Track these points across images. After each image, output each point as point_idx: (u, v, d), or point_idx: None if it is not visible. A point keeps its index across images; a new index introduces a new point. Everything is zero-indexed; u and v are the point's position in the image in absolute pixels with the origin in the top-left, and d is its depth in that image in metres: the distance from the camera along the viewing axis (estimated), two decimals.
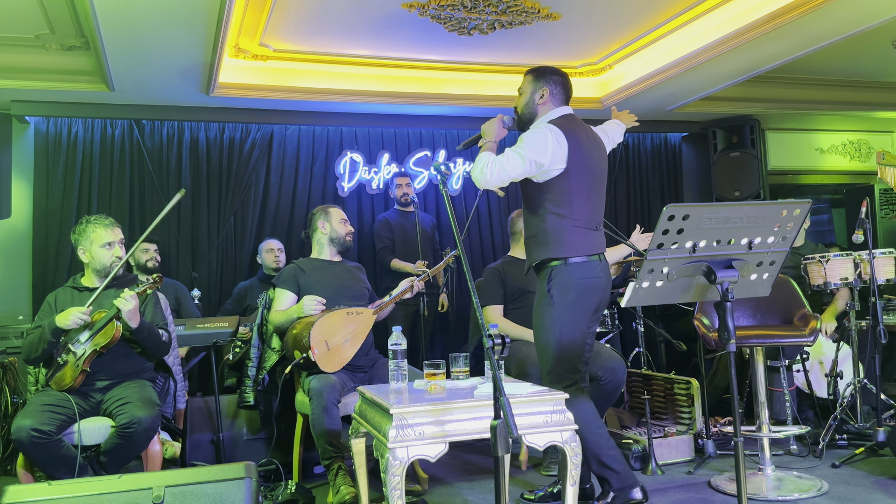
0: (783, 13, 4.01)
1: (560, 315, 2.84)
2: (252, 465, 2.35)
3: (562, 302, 2.84)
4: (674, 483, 3.37)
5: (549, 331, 2.87)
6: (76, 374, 3.01)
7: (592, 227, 2.89)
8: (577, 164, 2.83)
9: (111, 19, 3.70)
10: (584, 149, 2.88)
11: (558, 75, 3.05)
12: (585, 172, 2.86)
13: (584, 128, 2.98)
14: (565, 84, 3.04)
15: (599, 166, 2.96)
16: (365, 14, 4.15)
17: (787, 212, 2.21)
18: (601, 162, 2.99)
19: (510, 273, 4.00)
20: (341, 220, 3.79)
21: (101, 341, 3.02)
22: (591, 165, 2.89)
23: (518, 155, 2.80)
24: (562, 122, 2.89)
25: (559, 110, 2.99)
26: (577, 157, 2.84)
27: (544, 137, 2.80)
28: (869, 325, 3.98)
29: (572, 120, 2.95)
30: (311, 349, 3.26)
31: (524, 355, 3.67)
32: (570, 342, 2.83)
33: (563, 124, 2.87)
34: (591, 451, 2.83)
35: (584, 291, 2.84)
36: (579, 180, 2.85)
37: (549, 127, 2.84)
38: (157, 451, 3.05)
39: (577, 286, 2.83)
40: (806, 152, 6.97)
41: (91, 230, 3.19)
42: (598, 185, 2.94)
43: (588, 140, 2.93)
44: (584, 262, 2.85)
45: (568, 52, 4.96)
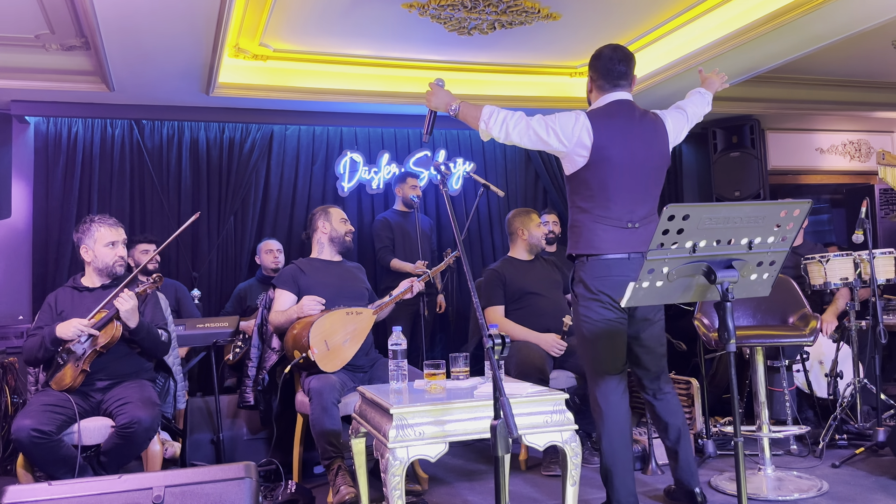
0: (783, 13, 4.01)
1: (585, 312, 2.80)
2: (252, 465, 2.35)
3: (584, 299, 2.80)
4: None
5: (579, 331, 2.86)
6: (76, 374, 3.01)
7: (622, 225, 2.73)
8: (603, 157, 2.71)
9: (111, 19, 3.70)
10: (622, 140, 2.72)
11: (599, 59, 2.85)
12: (617, 165, 2.71)
13: (634, 115, 2.79)
14: (607, 68, 2.82)
15: (643, 158, 2.76)
16: (365, 14, 4.15)
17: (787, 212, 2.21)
18: (647, 153, 2.78)
19: (510, 274, 4.00)
20: (342, 220, 3.79)
21: (101, 341, 3.02)
22: (628, 158, 2.72)
23: (545, 123, 2.73)
24: (598, 112, 2.78)
25: (605, 98, 2.83)
26: (608, 149, 2.71)
27: (574, 120, 2.73)
28: (869, 325, 3.98)
29: (616, 108, 2.79)
30: (311, 349, 3.26)
31: (524, 356, 3.67)
32: (597, 339, 2.77)
33: (599, 114, 2.76)
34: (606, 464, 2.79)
35: (606, 289, 2.73)
36: (605, 174, 2.72)
37: (580, 114, 2.76)
38: (157, 451, 3.04)
39: (596, 283, 2.75)
40: (806, 152, 6.97)
41: (95, 229, 3.20)
42: (637, 180, 2.76)
43: (631, 129, 2.76)
44: (605, 260, 2.73)
45: (568, 52, 4.96)
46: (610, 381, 2.81)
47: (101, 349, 3.03)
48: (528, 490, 3.38)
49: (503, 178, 6.04)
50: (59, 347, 3.05)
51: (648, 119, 2.85)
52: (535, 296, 3.96)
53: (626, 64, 2.84)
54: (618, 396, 2.81)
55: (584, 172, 2.76)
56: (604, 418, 2.80)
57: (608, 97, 2.84)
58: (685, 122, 2.99)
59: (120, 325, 3.04)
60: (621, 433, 2.79)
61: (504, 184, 6.00)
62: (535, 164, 6.09)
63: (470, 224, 5.82)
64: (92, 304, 3.17)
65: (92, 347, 3.03)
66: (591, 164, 2.73)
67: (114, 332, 3.02)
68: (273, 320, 3.57)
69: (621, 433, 2.79)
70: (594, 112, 2.80)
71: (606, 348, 2.79)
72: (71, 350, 3.04)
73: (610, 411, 2.79)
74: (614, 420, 2.79)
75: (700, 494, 2.89)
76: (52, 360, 3.09)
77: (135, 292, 3.07)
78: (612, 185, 2.73)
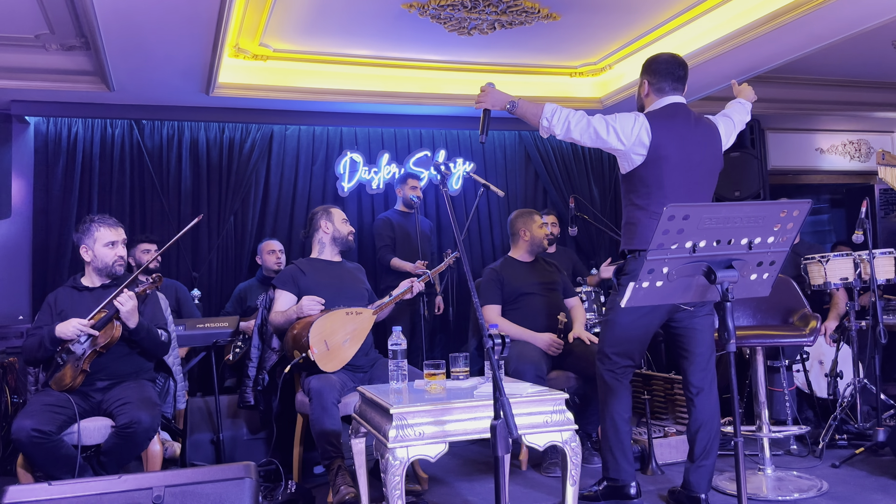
0: (783, 13, 4.01)
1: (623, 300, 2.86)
2: (252, 465, 2.35)
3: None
4: (674, 483, 3.37)
5: (610, 313, 2.96)
6: (76, 374, 3.01)
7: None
8: (662, 155, 2.81)
9: (111, 19, 3.70)
10: (679, 141, 2.84)
11: (658, 63, 2.97)
12: (673, 164, 2.82)
13: (690, 118, 2.91)
14: (667, 72, 2.94)
15: (698, 159, 2.88)
16: (365, 14, 4.15)
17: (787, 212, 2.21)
18: (704, 154, 2.90)
19: (508, 274, 4.01)
20: (343, 220, 3.79)
21: (101, 341, 3.02)
22: (684, 157, 2.83)
23: (606, 121, 2.82)
24: (657, 114, 2.89)
25: (662, 100, 2.95)
26: (665, 148, 2.81)
27: (633, 120, 2.83)
28: (869, 325, 3.98)
29: (673, 110, 2.90)
30: (311, 349, 3.26)
31: (522, 355, 3.67)
32: (631, 327, 2.90)
33: (657, 116, 2.87)
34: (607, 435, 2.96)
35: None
36: (663, 171, 2.82)
37: (639, 115, 2.87)
38: (157, 451, 3.04)
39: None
40: (806, 152, 6.98)
41: (95, 229, 3.20)
42: (693, 179, 2.87)
43: (688, 132, 2.87)
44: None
45: (568, 52, 4.97)
46: (626, 367, 2.97)
47: (100, 349, 3.03)
48: (528, 490, 3.38)
49: (503, 178, 6.04)
50: (58, 347, 3.05)
51: (703, 123, 2.98)
52: (532, 296, 3.96)
53: (685, 70, 3.00)
54: (626, 382, 2.99)
55: (641, 170, 2.86)
56: (611, 398, 2.96)
57: (665, 100, 2.95)
58: (733, 127, 3.15)
59: (120, 325, 3.04)
60: (624, 414, 2.97)
61: (504, 184, 6.00)
62: (534, 164, 6.09)
63: (470, 224, 5.82)
64: (92, 304, 3.17)
65: (92, 347, 3.03)
66: (649, 162, 2.83)
67: (113, 332, 3.02)
68: (273, 321, 3.57)
69: (624, 414, 2.97)
70: (652, 113, 2.91)
71: (636, 338, 2.92)
72: (71, 350, 3.04)
73: (618, 393, 2.97)
74: (620, 401, 2.96)
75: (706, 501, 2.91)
76: (51, 359, 3.09)
77: (134, 292, 3.07)
78: (668, 184, 2.83)
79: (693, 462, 2.92)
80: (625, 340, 2.93)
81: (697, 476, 2.90)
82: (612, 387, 2.98)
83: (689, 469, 2.93)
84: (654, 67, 2.97)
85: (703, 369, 2.94)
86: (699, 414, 2.92)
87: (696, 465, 2.91)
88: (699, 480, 2.89)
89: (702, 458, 2.90)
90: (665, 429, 3.89)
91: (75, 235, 3.26)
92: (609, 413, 2.98)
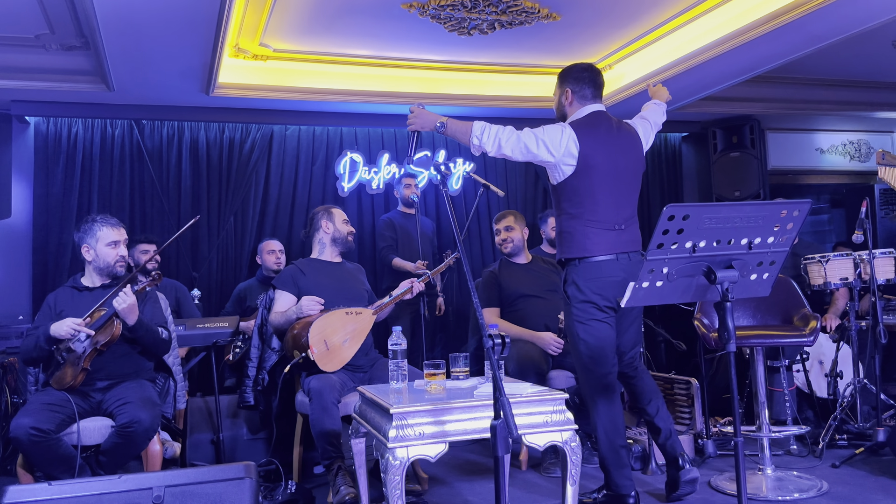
0: (783, 13, 4.01)
1: (578, 313, 2.92)
2: (252, 465, 2.35)
3: (577, 300, 2.92)
4: None
5: (572, 331, 2.98)
6: (77, 372, 3.01)
7: (610, 227, 2.90)
8: (591, 165, 2.87)
9: (111, 19, 3.70)
10: (605, 148, 2.90)
11: (578, 71, 3.05)
12: (602, 172, 2.89)
13: (612, 125, 2.99)
14: (589, 79, 3.03)
15: (623, 164, 2.96)
16: (365, 14, 4.14)
17: (787, 212, 2.21)
18: (628, 159, 2.99)
19: (506, 276, 4.01)
20: (344, 221, 3.79)
21: (101, 339, 3.02)
22: (611, 164, 2.91)
23: (535, 135, 2.88)
24: (582, 123, 2.94)
25: (585, 109, 3.01)
26: (593, 157, 2.87)
27: (561, 132, 2.88)
28: (869, 325, 3.98)
29: (597, 118, 2.97)
30: (310, 348, 3.26)
31: (522, 355, 3.67)
32: (591, 338, 2.92)
33: (582, 125, 2.92)
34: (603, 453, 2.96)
35: (598, 289, 2.88)
36: (593, 180, 2.88)
37: (565, 126, 2.92)
38: (156, 451, 3.04)
39: (589, 285, 2.89)
40: (806, 152, 6.97)
41: (97, 228, 3.20)
42: (620, 184, 2.95)
43: (613, 138, 2.95)
44: (597, 261, 2.88)
45: (568, 52, 4.96)
46: (604, 376, 2.95)
47: (101, 347, 3.03)
48: (528, 490, 3.38)
49: (503, 178, 6.04)
50: (52, 346, 3.05)
51: (624, 128, 3.06)
52: (530, 298, 3.96)
53: (602, 77, 3.11)
54: (612, 390, 2.98)
55: (572, 180, 2.92)
56: (601, 412, 2.96)
57: (588, 108, 3.01)
58: (651, 129, 3.23)
59: (120, 323, 3.05)
60: (616, 425, 2.96)
61: (504, 184, 6.00)
62: (535, 165, 6.08)
63: (470, 224, 5.82)
64: (92, 304, 3.17)
65: (93, 346, 3.03)
66: (579, 171, 2.89)
67: (114, 330, 3.03)
68: (273, 321, 3.57)
69: (616, 425, 2.96)
70: (576, 123, 2.96)
71: (600, 346, 2.92)
72: (71, 349, 3.04)
73: (607, 405, 2.96)
74: (610, 411, 2.96)
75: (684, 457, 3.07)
76: (48, 359, 3.09)
77: (133, 290, 3.07)
78: (598, 191, 2.90)
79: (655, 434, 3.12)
80: (597, 349, 2.93)
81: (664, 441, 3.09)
82: (600, 401, 2.96)
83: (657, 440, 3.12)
84: (574, 75, 3.04)
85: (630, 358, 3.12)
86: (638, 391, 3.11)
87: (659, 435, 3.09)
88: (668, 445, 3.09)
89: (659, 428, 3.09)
90: None
91: (76, 235, 3.26)
92: (601, 429, 2.97)
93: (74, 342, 3.04)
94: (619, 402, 3.00)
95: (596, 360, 2.92)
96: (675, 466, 3.07)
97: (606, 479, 2.98)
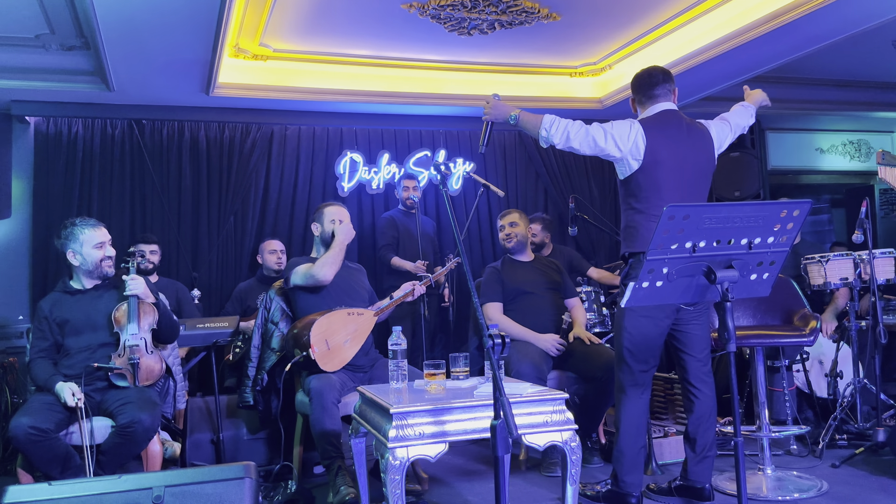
0: (783, 13, 4.01)
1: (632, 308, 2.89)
2: (252, 465, 2.35)
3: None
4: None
5: (619, 321, 2.98)
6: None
7: None
8: (657, 160, 2.88)
9: (111, 19, 3.70)
10: (672, 145, 2.91)
11: (637, 80, 3.09)
12: (668, 168, 2.89)
13: (682, 123, 2.99)
14: (648, 85, 3.05)
15: (692, 162, 2.96)
16: (365, 14, 4.15)
17: (787, 212, 2.21)
18: (698, 158, 2.98)
19: (509, 273, 4.02)
20: (331, 221, 3.68)
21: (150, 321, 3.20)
22: (678, 161, 2.91)
23: (603, 129, 2.89)
24: (651, 120, 2.97)
25: (653, 108, 3.03)
26: (659, 153, 2.88)
27: (629, 128, 2.90)
28: (869, 325, 3.98)
29: (665, 116, 2.98)
30: (311, 347, 3.26)
31: (522, 355, 3.67)
32: (637, 333, 2.92)
33: (650, 122, 2.95)
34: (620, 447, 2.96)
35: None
36: (659, 176, 2.89)
37: (634, 122, 2.94)
38: (157, 451, 3.04)
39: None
40: (806, 152, 6.97)
41: (80, 232, 3.19)
42: (687, 181, 2.94)
43: (682, 136, 2.95)
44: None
45: (568, 52, 4.97)
46: (640, 373, 2.96)
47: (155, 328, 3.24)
48: (528, 490, 3.38)
49: (503, 178, 6.04)
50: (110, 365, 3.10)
51: (695, 127, 3.05)
52: (531, 295, 3.97)
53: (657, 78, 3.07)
54: (643, 388, 2.99)
55: (638, 175, 2.92)
56: (627, 407, 2.96)
57: (656, 107, 3.03)
58: (729, 131, 3.20)
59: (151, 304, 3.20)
60: (640, 423, 2.97)
61: (504, 184, 6.00)
62: (535, 165, 6.09)
63: (470, 224, 5.82)
64: (88, 306, 3.18)
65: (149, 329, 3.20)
66: (645, 167, 2.90)
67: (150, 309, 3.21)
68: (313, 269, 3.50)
69: (640, 423, 2.97)
70: (646, 120, 2.98)
71: (643, 341, 2.93)
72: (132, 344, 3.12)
73: (636, 397, 2.97)
74: (636, 409, 2.96)
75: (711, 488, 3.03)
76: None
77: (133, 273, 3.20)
78: (664, 187, 2.90)
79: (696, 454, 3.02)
80: (639, 343, 2.93)
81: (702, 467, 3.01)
82: (629, 394, 2.97)
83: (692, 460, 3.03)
84: (635, 85, 3.10)
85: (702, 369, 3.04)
86: (702, 408, 3.02)
87: (701, 457, 3.01)
88: (704, 471, 3.01)
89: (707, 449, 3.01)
90: (665, 429, 3.89)
91: (58, 242, 3.22)
92: (624, 425, 2.95)
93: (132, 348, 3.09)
94: (647, 402, 3.00)
95: (635, 353, 2.93)
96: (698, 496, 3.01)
97: (615, 474, 2.97)
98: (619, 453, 2.96)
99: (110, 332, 3.15)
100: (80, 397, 2.93)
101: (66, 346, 3.14)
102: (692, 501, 3.03)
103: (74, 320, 3.15)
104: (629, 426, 2.95)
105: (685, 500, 3.05)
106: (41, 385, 3.07)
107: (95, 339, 3.14)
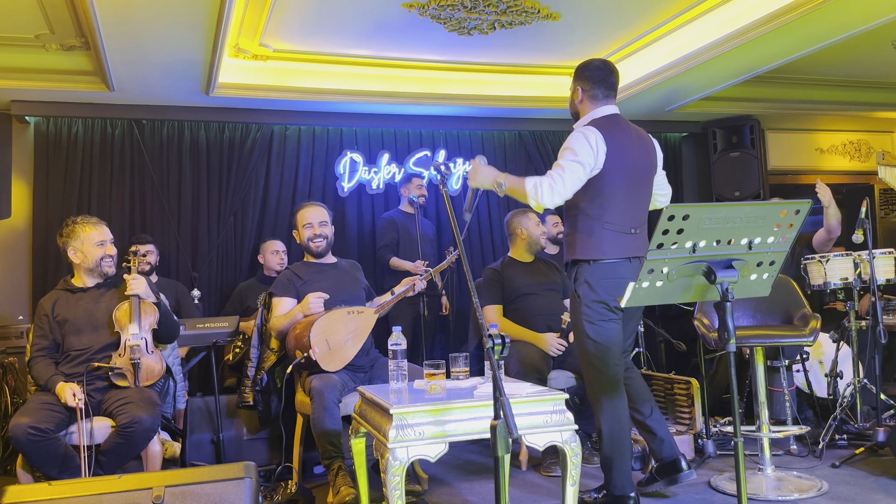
0: (783, 13, 4.01)
1: (589, 313, 2.91)
2: (252, 465, 2.35)
3: (588, 300, 2.90)
4: None
5: (580, 329, 2.96)
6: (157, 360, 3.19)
7: (626, 230, 2.89)
8: (614, 167, 2.84)
9: (111, 19, 3.70)
10: (625, 150, 2.88)
11: (591, 70, 3.00)
12: (622, 175, 2.87)
13: (629, 127, 2.97)
14: (601, 79, 2.97)
15: (641, 168, 2.94)
16: (365, 14, 4.14)
17: (787, 212, 2.21)
18: (645, 163, 2.97)
19: (508, 274, 4.01)
20: (304, 225, 3.70)
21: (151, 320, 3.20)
22: (630, 167, 2.89)
23: (576, 163, 2.80)
24: (603, 124, 2.90)
25: (600, 110, 2.97)
26: (616, 158, 2.84)
27: (587, 140, 2.82)
28: (869, 325, 3.98)
29: (614, 120, 2.94)
30: (312, 348, 3.26)
31: (523, 356, 3.67)
32: (601, 340, 2.91)
33: (603, 126, 2.88)
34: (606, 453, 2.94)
35: (610, 290, 2.86)
36: (614, 182, 2.86)
37: (589, 129, 2.86)
38: (157, 451, 3.05)
39: (602, 285, 2.87)
40: (806, 152, 6.97)
41: (80, 230, 3.20)
42: (637, 188, 2.94)
43: (632, 141, 2.93)
44: (610, 263, 2.87)
45: (568, 52, 4.96)
46: (612, 377, 2.94)
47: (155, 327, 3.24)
48: (528, 490, 3.38)
49: None
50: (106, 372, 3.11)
51: (640, 132, 3.04)
52: (532, 296, 3.97)
53: (616, 77, 3.04)
54: (618, 390, 2.96)
55: (597, 181, 2.87)
56: (605, 411, 2.95)
57: (603, 109, 2.98)
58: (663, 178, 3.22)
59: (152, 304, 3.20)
60: (621, 425, 2.94)
61: None
62: (535, 165, 6.09)
63: (470, 224, 5.82)
64: (90, 304, 3.18)
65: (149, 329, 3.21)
66: (605, 171, 2.85)
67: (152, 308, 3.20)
68: (275, 325, 3.52)
69: (621, 425, 2.94)
70: (598, 122, 2.92)
71: (608, 346, 2.92)
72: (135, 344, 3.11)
73: (612, 404, 2.94)
74: (616, 412, 2.94)
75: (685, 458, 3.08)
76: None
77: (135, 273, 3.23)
78: (620, 193, 2.88)
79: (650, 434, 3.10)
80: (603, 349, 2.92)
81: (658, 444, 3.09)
82: (603, 402, 2.95)
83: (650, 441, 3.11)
84: (587, 74, 2.99)
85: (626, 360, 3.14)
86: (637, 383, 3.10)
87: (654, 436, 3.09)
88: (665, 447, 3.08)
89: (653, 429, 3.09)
90: None
91: (60, 240, 3.24)
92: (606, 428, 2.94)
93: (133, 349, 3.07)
94: (624, 402, 2.97)
95: (603, 359, 2.91)
96: (675, 468, 3.06)
97: (607, 479, 2.97)
98: (606, 458, 2.95)
99: (111, 331, 3.15)
100: (81, 398, 2.93)
101: (67, 346, 3.15)
102: (673, 476, 3.06)
103: (75, 319, 3.15)
104: (612, 430, 2.93)
105: (668, 478, 3.08)
106: (41, 385, 3.07)
107: (96, 338, 3.14)
